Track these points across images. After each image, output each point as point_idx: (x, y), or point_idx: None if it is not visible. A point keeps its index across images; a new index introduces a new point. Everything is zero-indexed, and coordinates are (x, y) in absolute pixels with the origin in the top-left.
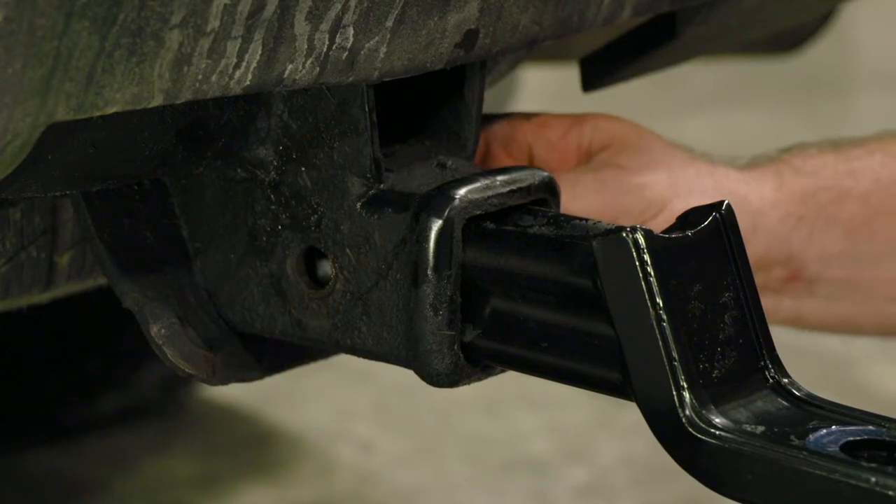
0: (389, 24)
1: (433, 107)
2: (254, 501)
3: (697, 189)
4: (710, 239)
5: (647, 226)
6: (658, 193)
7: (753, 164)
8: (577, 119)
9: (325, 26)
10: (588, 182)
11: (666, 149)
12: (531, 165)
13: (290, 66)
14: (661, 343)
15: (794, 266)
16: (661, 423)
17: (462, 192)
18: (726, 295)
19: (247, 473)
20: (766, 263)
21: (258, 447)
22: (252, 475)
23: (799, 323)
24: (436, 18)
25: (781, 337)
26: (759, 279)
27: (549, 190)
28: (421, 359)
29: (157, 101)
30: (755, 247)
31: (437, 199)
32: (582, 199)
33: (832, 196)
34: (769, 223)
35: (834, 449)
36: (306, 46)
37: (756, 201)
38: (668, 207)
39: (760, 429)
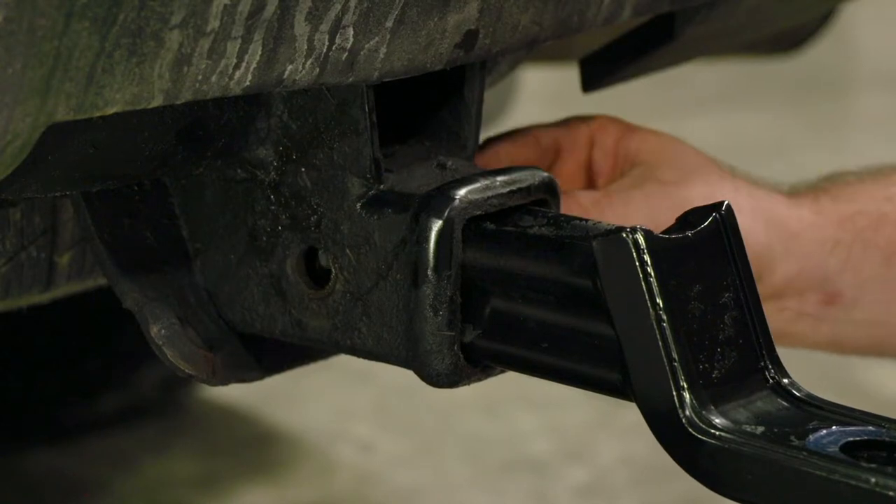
0: (389, 24)
1: (433, 107)
2: (254, 501)
3: (734, 205)
4: (710, 239)
5: None
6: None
7: (792, 189)
8: (629, 128)
9: (324, 27)
10: (638, 199)
11: (703, 163)
12: (588, 169)
13: (289, 67)
14: (661, 343)
15: (830, 289)
16: (660, 423)
17: (462, 192)
18: (726, 295)
19: (247, 473)
20: (800, 286)
21: (258, 447)
22: (252, 475)
23: (838, 348)
24: (436, 19)
25: None
26: (793, 304)
27: (549, 190)
28: (421, 359)
29: (157, 102)
30: (787, 268)
31: (437, 199)
32: (634, 216)
33: (870, 221)
34: (805, 246)
35: (834, 449)
36: (306, 47)
37: (793, 224)
38: None
39: (760, 429)
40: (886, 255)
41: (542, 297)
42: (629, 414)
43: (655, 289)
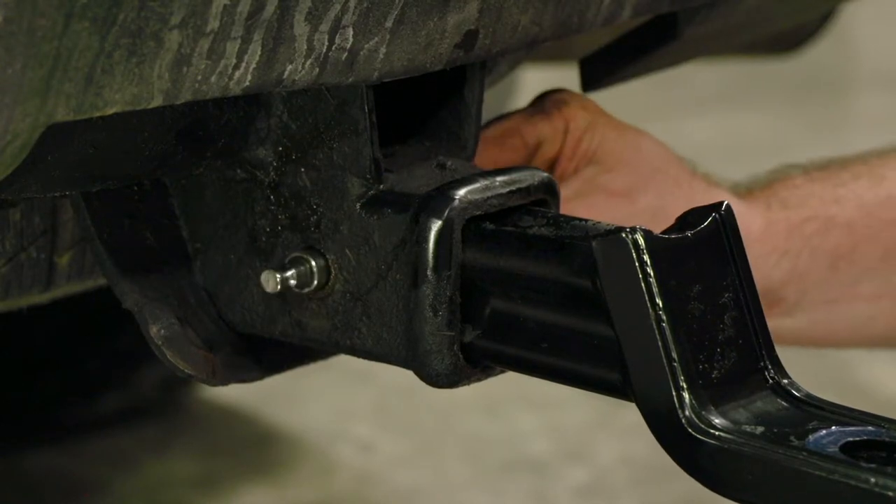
0: (389, 24)
1: (433, 107)
2: (254, 501)
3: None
4: (709, 239)
5: None
6: (643, 222)
7: (749, 191)
8: (595, 120)
9: (324, 27)
10: (582, 211)
11: (660, 168)
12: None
13: (289, 67)
14: (660, 343)
15: (772, 297)
16: (660, 423)
17: (462, 192)
18: (726, 295)
19: (247, 473)
20: None
21: (258, 447)
22: (252, 475)
23: (778, 342)
24: (435, 19)
25: None
26: None
27: (549, 190)
28: (421, 359)
29: (157, 102)
30: None
31: (437, 199)
32: None
33: (818, 227)
34: (751, 258)
35: (833, 449)
36: (306, 47)
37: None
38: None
39: (760, 429)
40: (833, 259)
41: (541, 298)
42: (629, 414)
43: (655, 289)
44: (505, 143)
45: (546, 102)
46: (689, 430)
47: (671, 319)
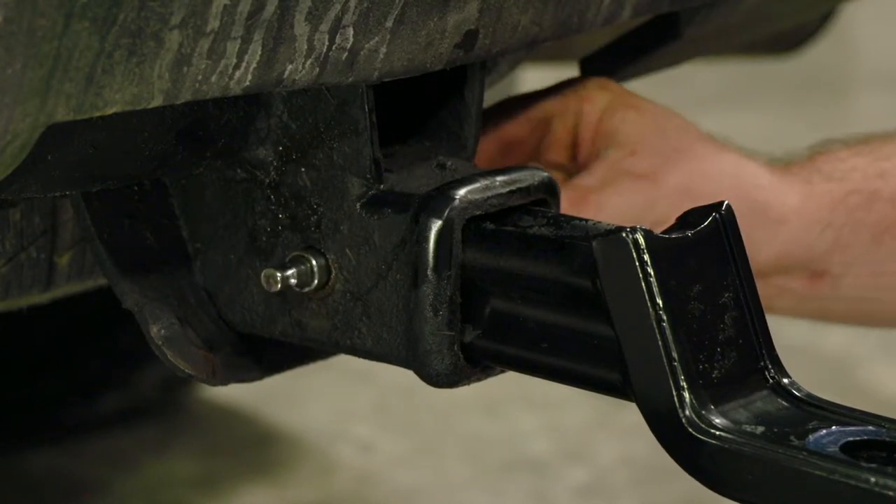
0: (389, 24)
1: (433, 107)
2: (254, 501)
3: (717, 192)
4: (710, 239)
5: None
6: (672, 203)
7: (786, 167)
8: (615, 101)
9: (324, 27)
10: (614, 200)
11: (687, 145)
12: (574, 141)
13: (289, 67)
14: (660, 343)
15: (817, 268)
16: (660, 423)
17: (462, 192)
18: (726, 295)
19: (247, 473)
20: (786, 266)
21: (258, 447)
22: (252, 475)
23: (824, 320)
24: (435, 19)
25: (781, 337)
26: (779, 282)
27: (549, 190)
28: (421, 359)
29: (157, 102)
30: (771, 252)
31: (437, 199)
32: (611, 216)
33: (861, 200)
34: (792, 231)
35: (834, 449)
36: (306, 47)
37: (780, 209)
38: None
39: (760, 429)
40: (876, 233)
41: (541, 298)
42: (629, 414)
43: (655, 289)
44: (510, 114)
45: (563, 83)
46: (690, 429)
47: (671, 319)
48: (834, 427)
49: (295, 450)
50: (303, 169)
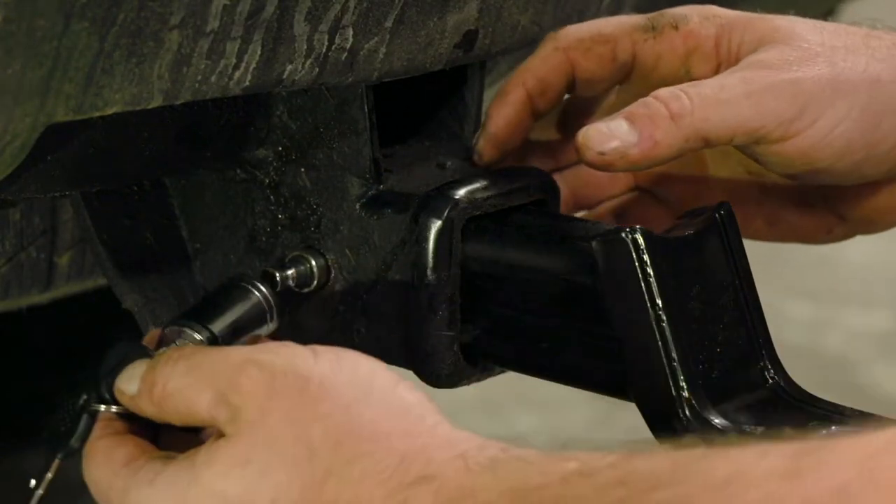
0: (389, 24)
1: (433, 107)
2: None
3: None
4: (709, 239)
5: (805, 133)
6: (814, 94)
7: None
8: (727, 22)
9: (324, 27)
10: (735, 84)
11: (825, 40)
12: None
13: (289, 67)
14: (660, 343)
15: None
16: (660, 423)
17: (461, 192)
18: (726, 295)
19: None
20: None
21: None
22: None
23: None
24: (435, 19)
25: (781, 337)
26: None
27: (549, 190)
28: (421, 359)
29: (157, 102)
30: None
31: (437, 199)
32: (730, 106)
33: None
34: None
35: None
36: (306, 47)
37: None
38: (832, 109)
39: (760, 429)
40: None
41: (541, 298)
42: (629, 414)
43: (655, 289)
44: (590, 51)
45: (661, 17)
46: (689, 430)
47: (671, 319)
48: (834, 427)
49: None
50: (302, 169)
